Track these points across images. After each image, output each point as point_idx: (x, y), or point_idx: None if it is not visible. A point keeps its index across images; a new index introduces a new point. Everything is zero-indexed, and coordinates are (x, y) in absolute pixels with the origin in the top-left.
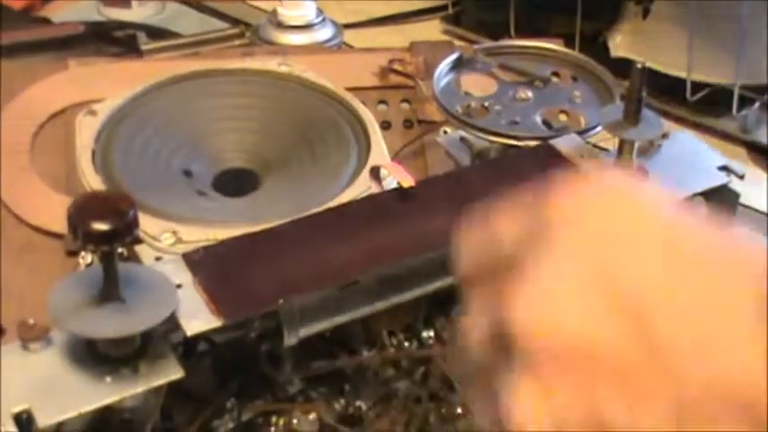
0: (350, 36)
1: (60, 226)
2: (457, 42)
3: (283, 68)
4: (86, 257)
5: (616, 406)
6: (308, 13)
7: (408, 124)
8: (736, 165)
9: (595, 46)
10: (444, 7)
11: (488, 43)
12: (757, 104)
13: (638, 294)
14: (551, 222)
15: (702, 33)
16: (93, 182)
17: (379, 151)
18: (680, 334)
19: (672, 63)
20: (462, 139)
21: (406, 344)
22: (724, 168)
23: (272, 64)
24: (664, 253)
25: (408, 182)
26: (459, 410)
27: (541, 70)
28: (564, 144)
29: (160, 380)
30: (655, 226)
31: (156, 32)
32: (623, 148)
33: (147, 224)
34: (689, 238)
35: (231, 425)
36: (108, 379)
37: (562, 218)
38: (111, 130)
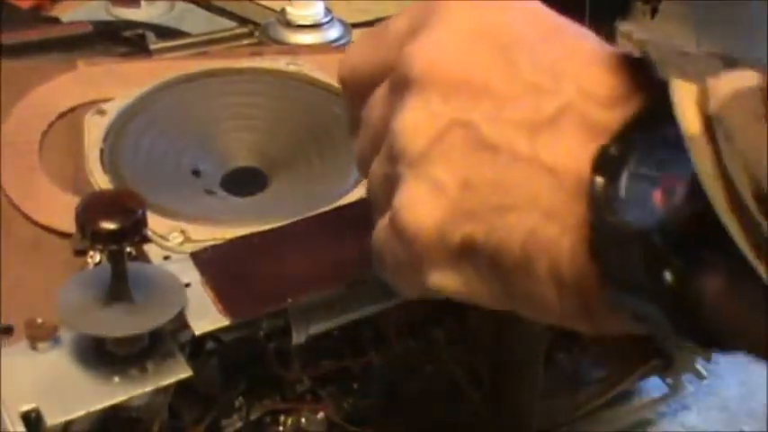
0: (358, 36)
1: (68, 225)
2: None
3: (292, 68)
4: (94, 256)
5: (484, 119)
6: (316, 12)
7: None
8: None
9: None
10: None
11: None
12: None
13: (511, 40)
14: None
15: (710, 32)
16: (101, 181)
17: None
18: (539, 67)
19: None
20: None
21: (414, 343)
22: None
23: (280, 63)
24: (530, 16)
25: None
26: (467, 409)
27: None
28: None
29: (168, 379)
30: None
31: (164, 32)
32: None
33: (156, 223)
34: (549, 13)
35: (239, 424)
36: (116, 378)
37: None
38: (120, 129)
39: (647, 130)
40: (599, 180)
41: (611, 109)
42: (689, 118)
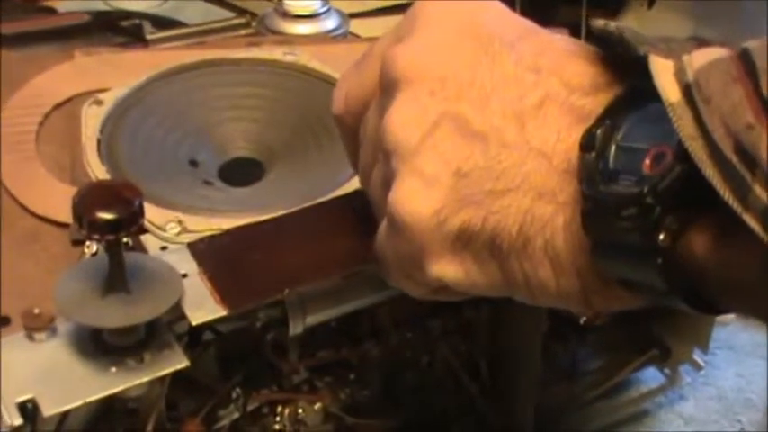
0: (356, 25)
1: (65, 215)
2: None
3: (289, 58)
4: (91, 247)
5: (472, 111)
6: (313, 2)
7: None
8: None
9: None
10: None
11: None
12: None
13: (491, 37)
14: (423, 9)
15: (708, 21)
16: (98, 171)
17: None
18: (521, 61)
19: None
20: None
21: (411, 334)
22: None
23: (277, 53)
24: (503, 17)
25: None
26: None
27: None
28: None
29: (165, 369)
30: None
31: (161, 22)
32: None
33: (153, 214)
34: (517, 15)
35: (236, 414)
36: (113, 369)
37: (427, 5)
38: (117, 119)
39: (630, 109)
40: (588, 155)
41: (594, 96)
42: (668, 88)
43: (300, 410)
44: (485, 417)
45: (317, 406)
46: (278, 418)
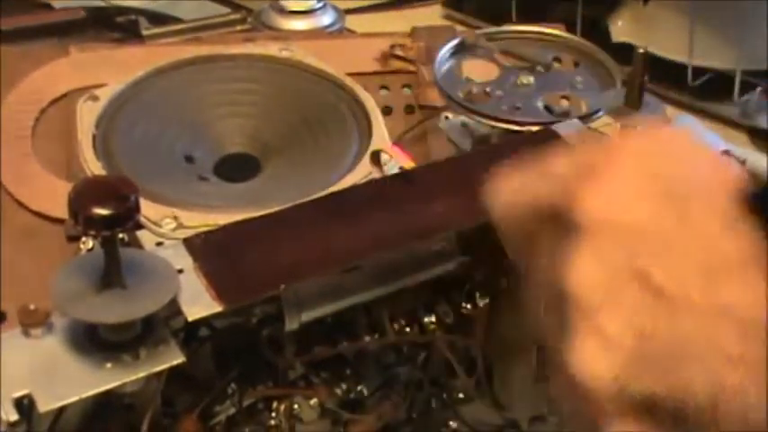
0: (351, 21)
1: (61, 211)
2: (458, 27)
3: (285, 54)
4: (87, 243)
5: (657, 267)
6: None
7: (410, 110)
8: (737, 149)
9: (597, 31)
10: None
11: (490, 28)
12: (759, 90)
13: (683, 191)
14: (615, 148)
15: (704, 18)
16: (94, 167)
17: (381, 136)
18: (712, 217)
19: (673, 48)
20: (464, 124)
21: (408, 329)
22: (725, 153)
23: (273, 49)
24: (706, 163)
25: (409, 165)
26: (460, 395)
27: (543, 55)
28: (565, 129)
29: (161, 365)
30: (686, 146)
31: (157, 18)
32: None
33: (149, 209)
34: (723, 161)
35: (232, 410)
36: (109, 365)
37: (624, 145)
38: (113, 115)
39: None
40: None
41: None
42: None
43: (296, 406)
44: (480, 413)
45: (313, 401)
46: (274, 414)
